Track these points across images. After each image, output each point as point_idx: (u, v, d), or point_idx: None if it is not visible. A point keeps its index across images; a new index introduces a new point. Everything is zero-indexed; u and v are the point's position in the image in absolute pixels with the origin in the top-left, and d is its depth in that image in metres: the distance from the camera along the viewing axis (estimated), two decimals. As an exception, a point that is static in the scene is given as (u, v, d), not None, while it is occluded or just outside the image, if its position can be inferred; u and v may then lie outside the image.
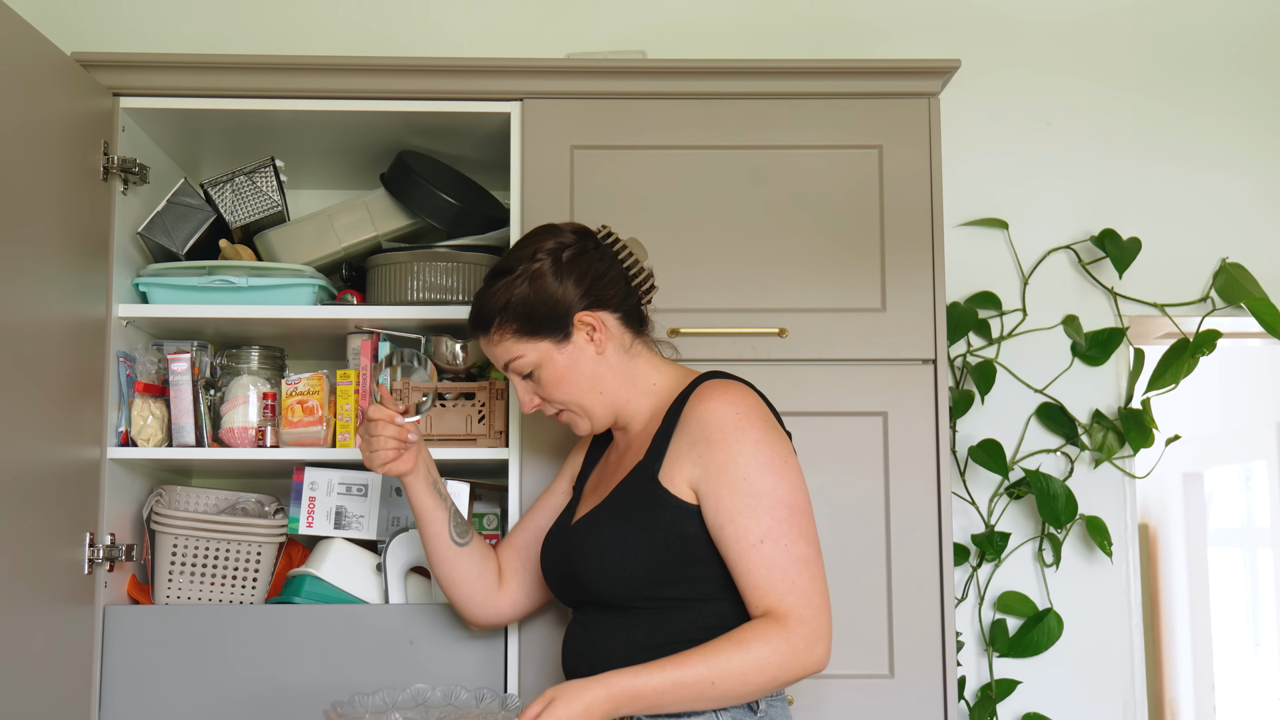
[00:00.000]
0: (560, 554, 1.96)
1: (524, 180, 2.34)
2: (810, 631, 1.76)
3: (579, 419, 1.98)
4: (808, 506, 1.83)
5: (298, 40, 2.85)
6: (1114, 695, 2.75)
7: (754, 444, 1.82)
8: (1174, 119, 2.89)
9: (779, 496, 1.80)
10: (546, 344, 1.94)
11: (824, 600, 1.79)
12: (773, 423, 1.87)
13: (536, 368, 1.95)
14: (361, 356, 2.42)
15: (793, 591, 1.77)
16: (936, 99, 2.37)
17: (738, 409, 1.84)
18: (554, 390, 1.95)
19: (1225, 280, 2.79)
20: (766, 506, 1.79)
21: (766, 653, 1.74)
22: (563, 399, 1.96)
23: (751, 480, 1.80)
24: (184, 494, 2.48)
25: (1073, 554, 2.78)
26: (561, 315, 1.93)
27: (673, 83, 2.36)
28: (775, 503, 1.80)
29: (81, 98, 2.23)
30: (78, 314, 2.20)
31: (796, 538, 1.79)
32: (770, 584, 1.77)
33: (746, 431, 1.82)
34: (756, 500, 1.80)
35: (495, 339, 1.96)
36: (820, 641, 1.77)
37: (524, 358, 1.95)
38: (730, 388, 1.88)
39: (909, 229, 2.34)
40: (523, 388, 1.99)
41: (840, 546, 2.28)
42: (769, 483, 1.80)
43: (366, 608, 2.28)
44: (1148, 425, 2.71)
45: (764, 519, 1.79)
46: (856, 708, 2.25)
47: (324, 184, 2.78)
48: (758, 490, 1.80)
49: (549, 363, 1.94)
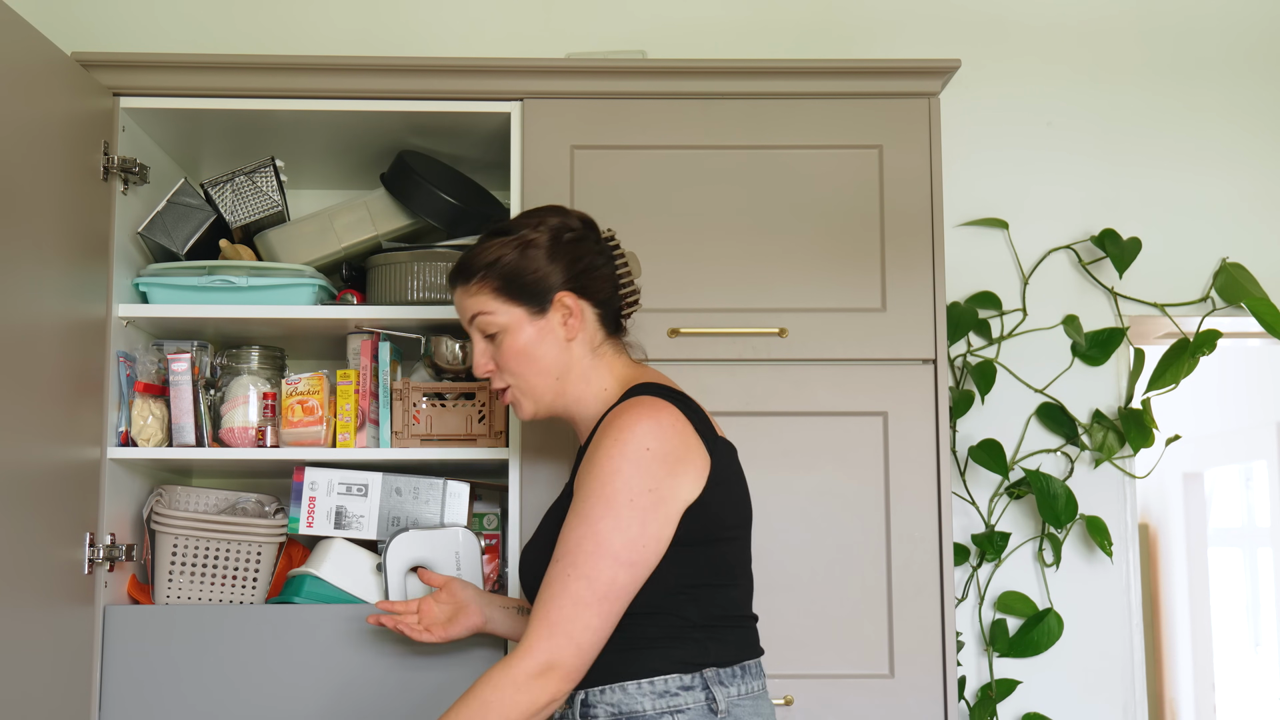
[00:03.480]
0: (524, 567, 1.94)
1: (524, 180, 2.34)
2: (536, 663, 1.72)
3: (524, 400, 1.94)
4: (624, 552, 1.75)
5: (298, 40, 2.85)
6: (1114, 695, 2.75)
7: (610, 474, 1.76)
8: (1174, 119, 2.89)
9: (597, 531, 1.75)
10: (520, 311, 1.91)
11: (569, 640, 1.72)
12: (657, 457, 1.78)
13: (502, 332, 1.92)
14: (361, 356, 2.42)
15: (541, 621, 1.74)
16: (936, 99, 2.37)
17: (623, 435, 1.78)
18: (511, 360, 1.92)
19: (1225, 280, 2.79)
20: (581, 534, 1.75)
21: (487, 691, 1.72)
22: (517, 371, 1.93)
23: (587, 503, 1.76)
24: (184, 494, 2.48)
25: (1073, 554, 2.78)
26: (544, 289, 1.92)
27: (673, 83, 2.36)
28: (589, 533, 1.75)
29: (81, 98, 2.23)
30: (78, 314, 2.20)
31: (583, 575, 1.74)
32: (538, 602, 1.76)
33: (613, 460, 1.77)
34: (577, 524, 1.76)
35: (473, 289, 1.93)
36: (551, 673, 1.72)
37: (494, 316, 1.92)
38: (635, 409, 1.81)
39: (909, 229, 2.34)
40: (481, 348, 1.95)
41: (840, 546, 2.28)
42: (597, 513, 1.75)
43: (366, 608, 2.28)
44: (1148, 425, 2.71)
45: (570, 543, 1.75)
46: (856, 708, 2.25)
47: (324, 184, 2.78)
48: (582, 515, 1.76)
49: (516, 330, 1.91)
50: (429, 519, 2.41)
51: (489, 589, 2.42)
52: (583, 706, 1.82)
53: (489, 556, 2.48)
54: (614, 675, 1.81)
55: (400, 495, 2.42)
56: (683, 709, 1.79)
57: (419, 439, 2.38)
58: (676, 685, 1.80)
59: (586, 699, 1.82)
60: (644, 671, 1.80)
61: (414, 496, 2.41)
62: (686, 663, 1.81)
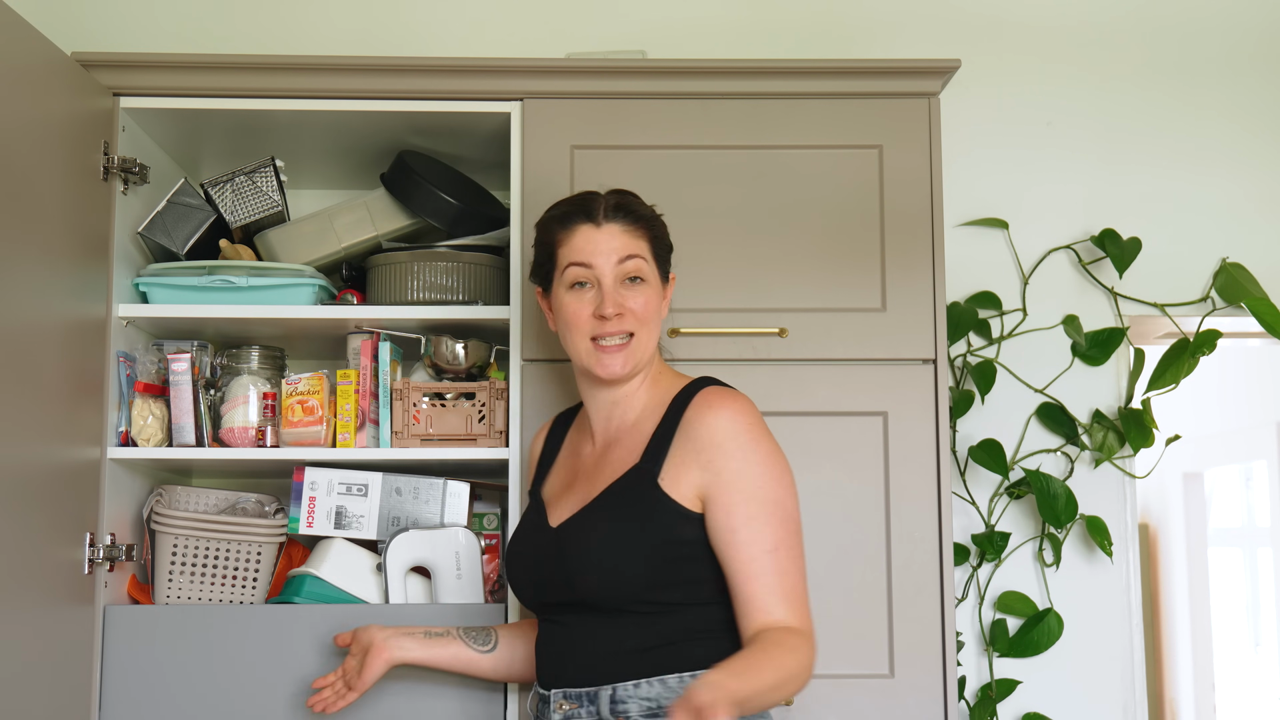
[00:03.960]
0: (542, 556, 1.91)
1: (524, 180, 2.34)
2: (813, 647, 1.82)
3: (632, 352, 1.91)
4: (796, 513, 1.87)
5: (298, 40, 2.85)
6: (1114, 695, 2.75)
7: (767, 455, 1.85)
8: (1174, 119, 2.89)
9: (788, 510, 1.84)
10: (657, 271, 1.96)
11: (808, 609, 1.85)
12: (769, 432, 1.90)
13: (645, 282, 1.93)
14: (362, 356, 2.42)
15: (802, 605, 1.82)
16: (936, 99, 2.37)
17: (750, 420, 1.86)
18: (645, 308, 1.92)
19: (1225, 280, 2.79)
20: (780, 518, 1.83)
21: (800, 662, 1.78)
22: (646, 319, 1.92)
23: (767, 490, 1.83)
24: (184, 494, 2.48)
25: (1073, 554, 2.78)
26: (669, 262, 2.01)
27: (673, 83, 2.36)
28: (786, 515, 1.84)
29: (81, 98, 2.23)
30: (78, 314, 2.20)
31: (800, 553, 1.84)
32: (783, 593, 1.80)
33: (761, 443, 1.85)
34: (771, 510, 1.82)
35: (636, 231, 1.94)
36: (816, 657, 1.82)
37: (645, 263, 1.94)
38: (737, 397, 1.90)
39: (909, 229, 2.34)
40: (615, 289, 1.91)
41: (840, 546, 2.28)
42: (780, 494, 1.84)
43: (366, 608, 2.28)
44: (1148, 425, 2.71)
45: (777, 528, 1.82)
46: (856, 708, 2.25)
47: (324, 184, 2.78)
48: (771, 500, 1.83)
49: (654, 286, 1.95)
50: (429, 519, 2.41)
51: (489, 589, 2.42)
52: (611, 703, 1.81)
53: (489, 556, 2.47)
54: (655, 668, 1.81)
55: (400, 495, 2.42)
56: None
57: (419, 439, 2.38)
58: None
59: (615, 694, 1.81)
60: (688, 664, 1.81)
61: (414, 496, 2.41)
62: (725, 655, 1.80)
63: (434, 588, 2.35)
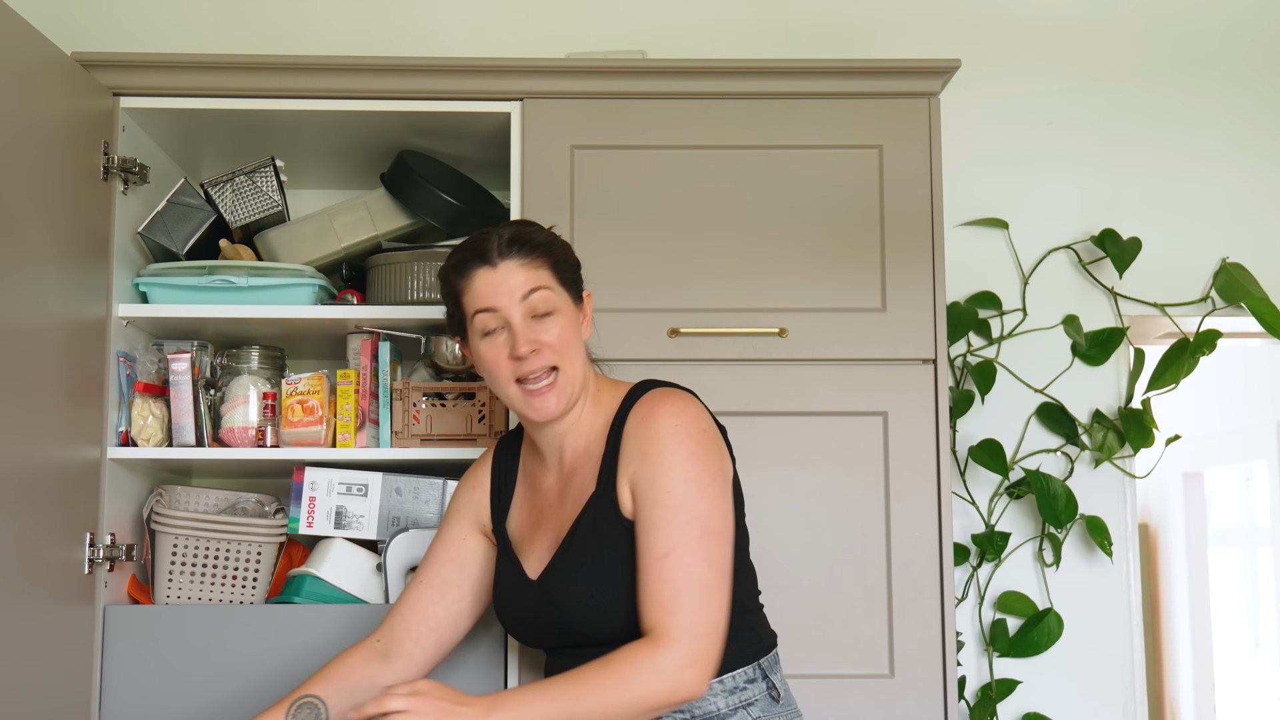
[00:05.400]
0: (532, 610, 1.87)
1: (524, 180, 2.34)
2: (681, 656, 1.69)
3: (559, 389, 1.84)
4: (724, 529, 1.77)
5: (298, 40, 2.85)
6: (1114, 695, 2.75)
7: (687, 457, 1.77)
8: (1174, 119, 2.89)
9: (697, 514, 1.74)
10: (567, 297, 1.88)
11: (710, 627, 1.72)
12: (712, 435, 1.82)
13: (555, 313, 1.84)
14: (361, 356, 2.42)
15: (678, 612, 1.70)
16: (936, 99, 2.37)
17: (677, 420, 1.79)
18: (560, 341, 1.84)
19: (1225, 280, 2.79)
20: (681, 521, 1.74)
21: (628, 672, 1.68)
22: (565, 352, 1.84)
23: (675, 494, 1.75)
24: (184, 494, 2.48)
25: (1073, 554, 2.78)
26: (579, 282, 1.92)
27: (673, 83, 2.36)
28: (691, 519, 1.74)
29: (81, 98, 2.23)
30: (78, 314, 2.20)
31: (701, 559, 1.73)
32: (660, 600, 1.72)
33: (683, 444, 1.77)
34: (673, 513, 1.74)
35: (533, 263, 1.84)
36: (692, 667, 1.69)
37: (552, 294, 1.85)
38: (671, 397, 1.83)
39: (909, 229, 2.34)
40: (525, 327, 1.83)
41: (840, 546, 2.28)
42: (691, 498, 1.75)
43: (366, 608, 2.28)
44: (1148, 425, 2.71)
45: (675, 533, 1.73)
46: (856, 708, 2.25)
47: (324, 184, 2.78)
48: (677, 503, 1.75)
49: (566, 314, 1.86)
50: (429, 519, 2.41)
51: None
52: None
53: (489, 556, 2.47)
54: None
55: (400, 495, 2.42)
56: (753, 701, 1.80)
57: (419, 439, 2.38)
58: (744, 679, 1.80)
59: None
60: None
61: (414, 496, 2.42)
62: (746, 654, 1.80)
63: (434, 588, 2.35)
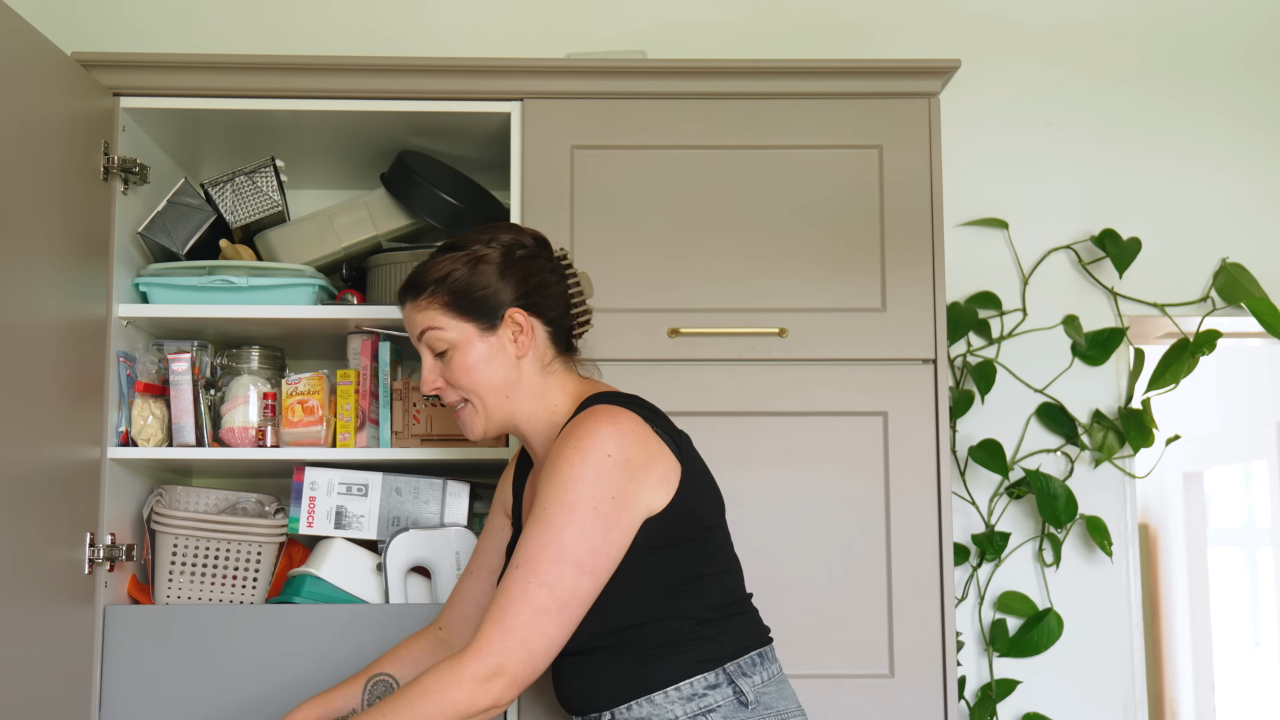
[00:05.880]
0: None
1: (524, 180, 2.34)
2: (482, 668, 1.70)
3: (475, 417, 1.91)
4: (587, 559, 1.73)
5: (298, 40, 2.85)
6: (1114, 695, 2.75)
7: (573, 480, 1.74)
8: (1174, 118, 2.89)
9: (560, 538, 1.73)
10: (470, 327, 1.89)
11: (523, 648, 1.70)
12: (619, 463, 1.77)
13: (452, 348, 1.89)
14: (361, 356, 2.42)
15: (498, 624, 1.71)
16: (936, 99, 2.37)
17: (585, 443, 1.76)
18: (462, 376, 1.89)
19: (1225, 280, 2.79)
20: (542, 540, 1.73)
21: (432, 683, 1.70)
22: (469, 386, 1.89)
23: (548, 512, 1.74)
24: (184, 494, 2.48)
25: (1073, 554, 2.78)
26: (494, 305, 1.89)
27: (673, 83, 2.36)
28: (552, 540, 1.73)
29: (81, 98, 2.23)
30: (78, 314, 2.20)
31: (545, 582, 1.72)
32: (492, 608, 1.73)
33: (574, 467, 1.75)
34: (540, 529, 1.74)
35: (422, 304, 1.90)
36: (495, 679, 1.69)
37: (444, 332, 1.89)
38: (594, 418, 1.80)
39: (909, 229, 2.34)
40: (430, 365, 1.92)
41: (840, 546, 2.28)
42: (560, 521, 1.73)
43: (366, 608, 2.28)
44: (1148, 425, 2.71)
45: (532, 549, 1.73)
46: (856, 708, 2.25)
47: (324, 184, 2.78)
48: (548, 521, 1.74)
49: (467, 346, 1.89)
50: (429, 519, 2.41)
51: (489, 589, 2.42)
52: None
53: (489, 556, 2.47)
54: (638, 689, 1.79)
55: (400, 495, 2.42)
56: (714, 708, 1.78)
57: (419, 439, 2.38)
58: (703, 686, 1.79)
59: (614, 718, 1.81)
60: (668, 678, 1.79)
61: (414, 496, 2.42)
62: (706, 660, 1.80)
63: (434, 588, 2.35)
